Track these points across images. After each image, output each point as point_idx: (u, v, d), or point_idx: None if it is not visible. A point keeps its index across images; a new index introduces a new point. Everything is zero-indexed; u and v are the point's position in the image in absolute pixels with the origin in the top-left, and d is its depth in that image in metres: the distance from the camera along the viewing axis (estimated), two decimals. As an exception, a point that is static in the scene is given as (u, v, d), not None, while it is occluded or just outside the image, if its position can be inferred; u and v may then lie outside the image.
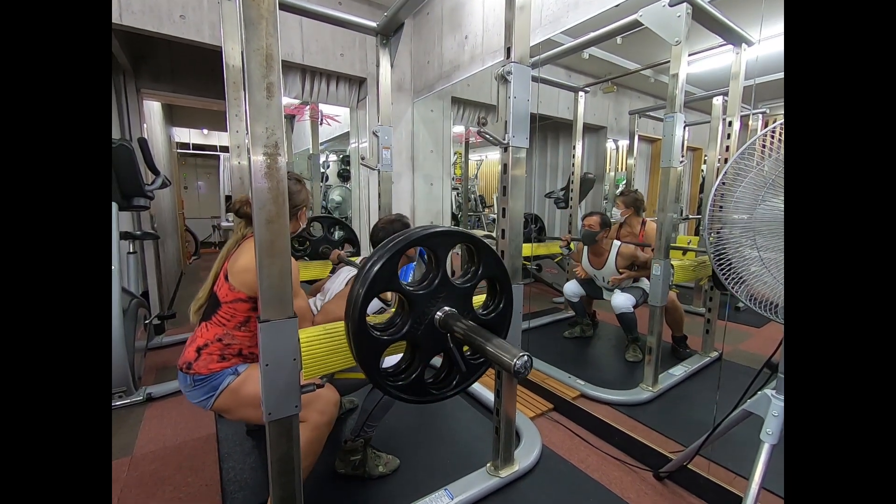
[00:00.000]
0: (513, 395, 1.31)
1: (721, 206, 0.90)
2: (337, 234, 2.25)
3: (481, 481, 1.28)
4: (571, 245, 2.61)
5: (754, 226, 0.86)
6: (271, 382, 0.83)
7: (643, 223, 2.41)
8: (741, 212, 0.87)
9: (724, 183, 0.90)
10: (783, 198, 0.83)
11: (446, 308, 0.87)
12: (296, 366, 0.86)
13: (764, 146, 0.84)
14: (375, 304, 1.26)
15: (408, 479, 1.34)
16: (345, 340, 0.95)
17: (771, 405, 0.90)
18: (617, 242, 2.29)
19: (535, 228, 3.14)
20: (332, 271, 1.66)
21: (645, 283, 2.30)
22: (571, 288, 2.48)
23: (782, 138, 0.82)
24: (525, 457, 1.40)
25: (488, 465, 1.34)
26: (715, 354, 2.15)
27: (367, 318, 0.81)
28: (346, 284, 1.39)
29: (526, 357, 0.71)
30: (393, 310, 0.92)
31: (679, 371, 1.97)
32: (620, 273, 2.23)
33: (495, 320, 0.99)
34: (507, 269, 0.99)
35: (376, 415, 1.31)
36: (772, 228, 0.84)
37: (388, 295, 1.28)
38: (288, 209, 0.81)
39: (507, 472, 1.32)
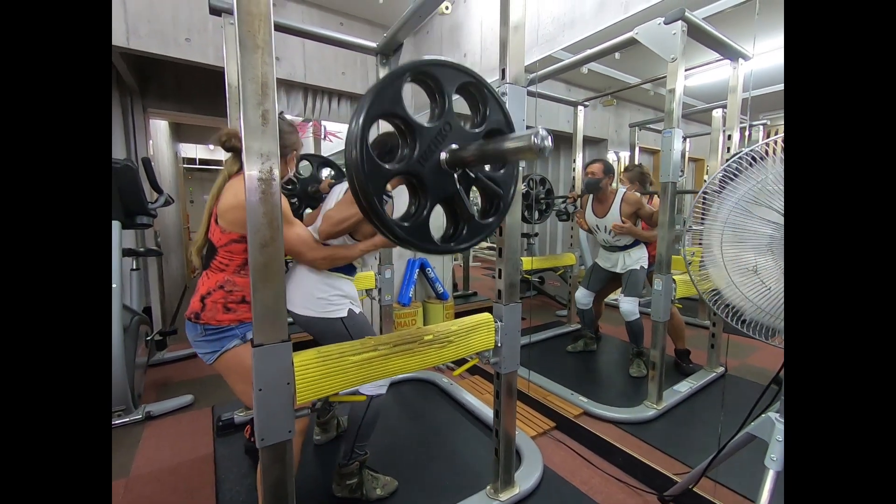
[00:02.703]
0: (512, 415, 1.29)
1: (699, 222, 0.93)
2: (326, 175, 2.10)
3: (481, 505, 1.25)
4: (577, 203, 2.58)
5: (723, 248, 0.89)
6: (265, 407, 0.82)
7: (650, 197, 2.38)
8: (714, 235, 0.90)
9: (699, 203, 0.92)
10: (757, 218, 0.85)
11: (452, 145, 0.81)
12: (289, 390, 0.85)
13: (736, 173, 0.87)
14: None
15: (406, 501, 1.32)
16: (339, 363, 0.94)
17: (775, 429, 0.87)
18: (622, 188, 2.24)
19: (543, 190, 3.09)
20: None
21: (643, 256, 2.24)
22: (581, 295, 2.43)
23: (752, 163, 0.86)
24: (526, 479, 1.37)
25: (488, 487, 1.31)
26: (721, 370, 2.11)
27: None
28: (344, 194, 1.29)
29: (546, 133, 0.65)
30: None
31: (684, 387, 1.94)
32: (624, 222, 2.17)
33: (500, 179, 0.92)
34: (512, 122, 0.91)
35: (364, 433, 1.28)
36: (738, 250, 0.87)
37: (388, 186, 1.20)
38: (282, 227, 0.81)
39: (507, 496, 1.29)
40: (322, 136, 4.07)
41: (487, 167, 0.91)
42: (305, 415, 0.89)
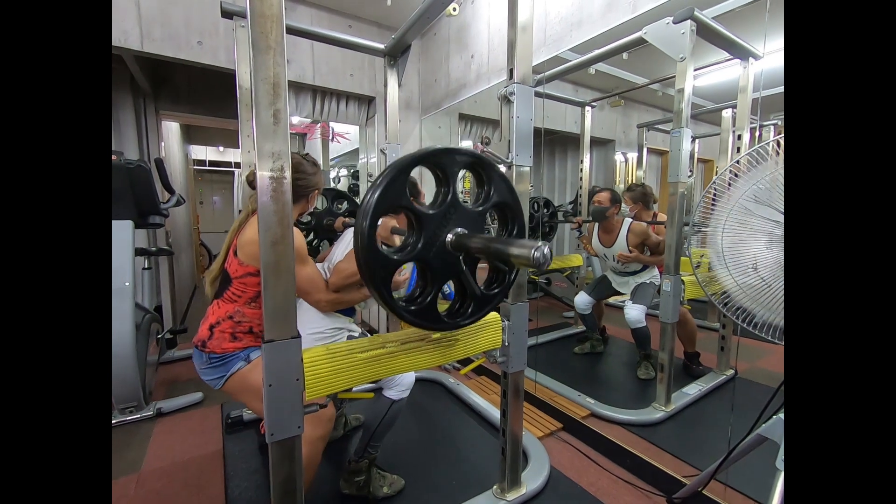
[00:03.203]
0: (519, 415, 1.29)
1: (706, 221, 0.97)
2: (341, 207, 2.21)
3: (487, 504, 1.25)
4: (583, 228, 2.59)
5: (724, 251, 0.93)
6: (274, 403, 0.83)
7: (654, 216, 2.38)
8: (717, 233, 0.94)
9: (708, 199, 0.96)
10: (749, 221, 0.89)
11: (458, 229, 0.84)
12: (299, 386, 0.86)
13: (739, 173, 0.90)
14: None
15: (412, 500, 1.32)
16: (347, 360, 0.95)
17: (786, 431, 0.86)
18: (628, 219, 2.24)
19: (546, 213, 3.11)
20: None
21: (654, 275, 2.23)
22: (581, 299, 2.44)
23: (756, 162, 0.90)
24: (533, 479, 1.36)
25: (495, 487, 1.31)
26: (731, 372, 2.08)
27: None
28: None
29: (545, 248, 0.69)
30: (404, 266, 0.91)
31: (693, 390, 1.92)
32: (631, 251, 2.17)
33: None
34: (517, 196, 0.95)
35: (379, 433, 1.30)
36: (739, 247, 0.91)
37: (397, 241, 1.25)
38: (294, 237, 0.82)
39: (513, 496, 1.28)
40: (331, 138, 4.11)
41: None
42: (314, 411, 0.90)
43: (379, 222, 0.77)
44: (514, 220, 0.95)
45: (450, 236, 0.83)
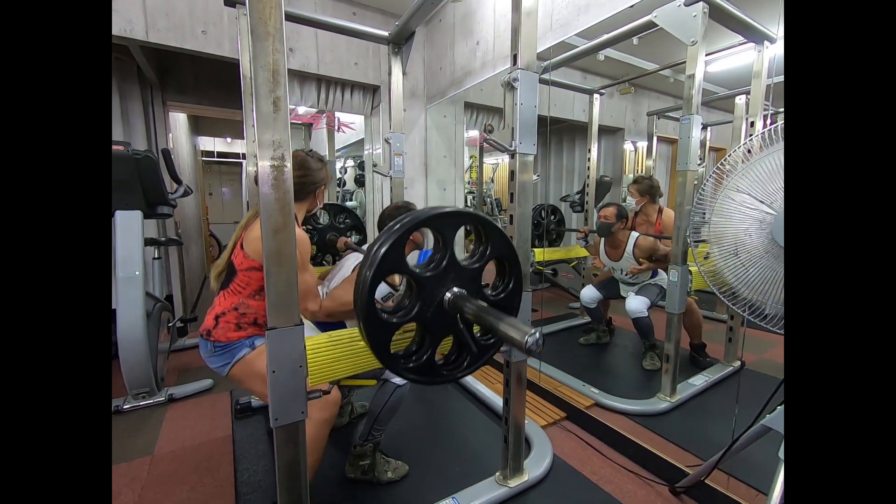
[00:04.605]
0: (522, 403, 1.30)
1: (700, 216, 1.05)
2: (343, 223, 2.27)
3: (489, 490, 1.27)
4: (589, 238, 2.57)
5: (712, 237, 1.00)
6: (278, 389, 0.85)
7: (660, 211, 2.35)
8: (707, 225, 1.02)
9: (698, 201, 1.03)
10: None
11: (455, 289, 0.85)
12: (302, 373, 0.87)
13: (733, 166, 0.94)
14: (384, 288, 1.25)
15: (416, 485, 1.34)
16: (350, 347, 0.96)
17: (791, 421, 0.85)
18: (635, 234, 2.23)
19: (553, 220, 3.09)
20: (339, 259, 1.67)
21: (662, 278, 2.22)
22: (588, 293, 2.44)
23: (747, 155, 0.96)
24: (535, 467, 1.38)
25: (497, 474, 1.33)
26: (738, 364, 2.06)
27: (377, 305, 0.81)
28: (354, 270, 1.36)
29: (538, 334, 0.69)
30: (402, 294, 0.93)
31: (699, 381, 1.90)
32: (640, 264, 2.17)
33: (505, 300, 0.97)
34: (515, 249, 0.97)
35: (383, 418, 1.31)
36: (722, 235, 0.99)
37: (397, 279, 1.26)
38: (294, 219, 0.83)
39: (516, 482, 1.30)
40: (336, 129, 4.11)
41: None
42: (317, 397, 0.91)
43: None
44: (512, 273, 0.97)
45: (448, 295, 0.85)
